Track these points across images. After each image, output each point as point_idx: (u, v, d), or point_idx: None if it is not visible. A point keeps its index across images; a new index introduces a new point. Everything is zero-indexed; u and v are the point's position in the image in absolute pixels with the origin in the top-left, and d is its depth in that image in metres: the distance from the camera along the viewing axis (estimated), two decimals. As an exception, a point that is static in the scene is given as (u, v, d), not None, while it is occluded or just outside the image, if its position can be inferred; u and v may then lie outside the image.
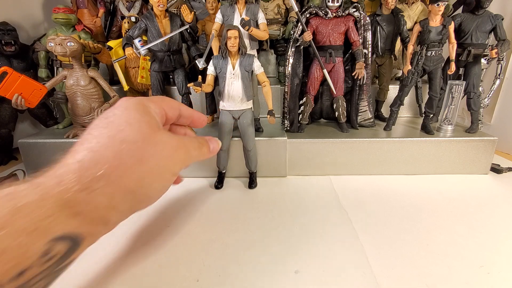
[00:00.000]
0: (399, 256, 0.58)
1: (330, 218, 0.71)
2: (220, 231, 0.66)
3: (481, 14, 0.95)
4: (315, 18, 0.95)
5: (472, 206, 0.76)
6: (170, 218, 0.71)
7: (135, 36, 0.88)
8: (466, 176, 0.93)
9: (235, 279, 0.52)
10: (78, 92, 0.93)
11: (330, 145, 0.92)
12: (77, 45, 0.88)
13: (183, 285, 0.51)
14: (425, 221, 0.70)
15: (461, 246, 0.61)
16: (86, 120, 0.96)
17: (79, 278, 0.52)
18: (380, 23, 1.03)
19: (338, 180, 0.91)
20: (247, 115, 0.83)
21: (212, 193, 0.84)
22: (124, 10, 1.22)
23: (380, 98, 1.14)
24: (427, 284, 0.51)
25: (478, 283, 0.51)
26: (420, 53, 0.93)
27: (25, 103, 0.84)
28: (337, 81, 0.98)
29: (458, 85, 0.94)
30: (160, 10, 0.86)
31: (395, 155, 0.93)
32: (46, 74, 1.09)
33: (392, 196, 0.81)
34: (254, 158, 0.87)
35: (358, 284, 0.51)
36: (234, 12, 0.88)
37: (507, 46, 0.96)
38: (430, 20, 0.91)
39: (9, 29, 1.03)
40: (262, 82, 0.81)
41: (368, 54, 0.98)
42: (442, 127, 0.97)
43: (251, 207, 0.76)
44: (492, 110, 1.16)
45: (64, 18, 1.00)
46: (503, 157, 1.07)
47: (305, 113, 1.00)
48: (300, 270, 0.54)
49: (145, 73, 1.04)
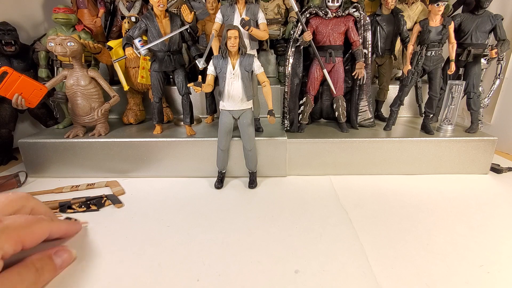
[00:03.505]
0: (399, 256, 0.58)
1: (330, 218, 0.71)
2: (220, 231, 0.66)
3: (481, 14, 0.95)
4: (315, 18, 0.95)
5: (472, 206, 0.76)
6: (170, 218, 0.71)
7: (135, 36, 0.88)
8: (466, 176, 0.93)
9: (235, 279, 0.52)
10: (78, 92, 0.93)
11: (330, 145, 0.92)
12: (77, 45, 0.88)
13: (183, 285, 0.51)
14: (425, 221, 0.70)
15: (461, 246, 0.61)
16: (86, 120, 0.96)
17: (79, 278, 0.52)
18: (380, 23, 1.03)
19: (338, 180, 0.91)
20: (247, 115, 0.83)
21: (212, 193, 0.84)
22: (124, 10, 1.22)
23: (380, 98, 1.14)
24: (427, 283, 0.51)
25: (478, 282, 0.51)
26: (420, 53, 0.94)
27: (25, 103, 0.84)
28: (337, 81, 0.98)
29: (458, 85, 0.94)
30: (160, 10, 0.86)
31: (395, 155, 0.93)
32: (46, 74, 1.09)
33: (392, 196, 0.81)
34: (254, 158, 0.87)
35: (358, 284, 0.51)
36: (234, 12, 0.88)
37: (507, 46, 0.96)
38: (430, 20, 0.92)
39: (9, 29, 1.03)
40: (262, 82, 0.81)
41: (368, 54, 0.98)
42: (442, 127, 0.97)
43: (251, 207, 0.76)
44: (492, 110, 1.16)
45: (64, 18, 1.00)
46: (503, 157, 1.07)
47: (305, 113, 1.00)
48: (300, 270, 0.54)
49: (145, 73, 1.04)
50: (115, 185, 0.88)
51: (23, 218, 0.47)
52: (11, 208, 0.50)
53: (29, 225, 0.47)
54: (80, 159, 0.93)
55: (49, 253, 0.51)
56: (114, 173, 0.94)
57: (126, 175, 0.94)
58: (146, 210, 0.75)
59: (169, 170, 0.94)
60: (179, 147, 0.92)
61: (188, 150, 0.92)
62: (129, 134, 0.98)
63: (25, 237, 0.45)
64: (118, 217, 0.71)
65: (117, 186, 0.87)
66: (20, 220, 0.46)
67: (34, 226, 0.48)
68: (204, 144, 0.92)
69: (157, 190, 0.86)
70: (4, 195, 0.51)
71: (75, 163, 0.93)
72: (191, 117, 0.98)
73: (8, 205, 0.49)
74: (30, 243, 0.47)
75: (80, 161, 0.93)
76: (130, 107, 1.11)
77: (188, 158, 0.93)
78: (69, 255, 0.54)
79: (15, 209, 0.50)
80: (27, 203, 0.53)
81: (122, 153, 0.93)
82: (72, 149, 0.92)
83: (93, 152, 0.93)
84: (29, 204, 0.53)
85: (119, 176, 0.94)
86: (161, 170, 0.94)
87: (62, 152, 0.93)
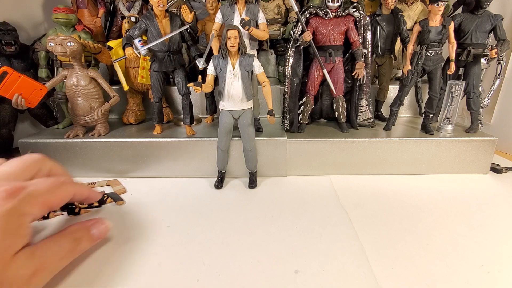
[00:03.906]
0: (399, 256, 0.58)
1: (330, 218, 0.71)
2: (220, 231, 0.66)
3: (481, 14, 0.95)
4: (315, 18, 0.95)
5: (472, 206, 0.76)
6: (170, 218, 0.71)
7: (135, 36, 0.88)
8: (466, 176, 0.93)
9: (235, 279, 0.52)
10: (78, 92, 0.93)
11: (330, 145, 0.92)
12: (77, 45, 0.88)
13: (183, 285, 0.51)
14: (425, 221, 0.70)
15: (461, 246, 0.61)
16: (86, 120, 0.96)
17: (79, 278, 0.52)
18: (380, 23, 1.03)
19: (338, 180, 0.91)
20: (247, 115, 0.83)
21: (212, 193, 0.84)
22: (124, 10, 1.22)
23: (380, 98, 1.14)
24: (427, 283, 0.51)
25: (478, 282, 0.51)
26: (420, 53, 0.94)
27: (25, 103, 0.84)
28: (337, 81, 0.98)
29: (458, 85, 0.94)
30: (160, 10, 0.86)
31: (395, 155, 0.93)
32: (46, 74, 1.09)
33: (392, 196, 0.81)
34: (254, 158, 0.87)
35: (358, 284, 0.51)
36: (234, 12, 0.88)
37: (507, 46, 0.96)
38: (430, 20, 0.92)
39: (9, 29, 1.03)
40: (262, 82, 0.81)
41: (368, 54, 0.98)
42: (442, 127, 0.97)
43: (251, 207, 0.76)
44: (492, 110, 1.16)
45: (64, 18, 1.00)
46: (503, 157, 1.07)
47: (305, 113, 1.00)
48: (300, 270, 0.54)
49: (145, 73, 1.04)
50: (117, 184, 0.88)
51: (48, 182, 0.49)
52: (29, 172, 0.51)
53: (53, 189, 0.49)
54: (80, 159, 0.93)
55: (87, 224, 0.55)
56: (114, 173, 0.94)
57: (126, 175, 0.94)
58: (146, 210, 0.75)
59: (169, 170, 0.94)
60: (179, 147, 0.92)
61: (188, 150, 0.92)
62: (129, 134, 0.98)
63: (50, 201, 0.48)
64: (118, 217, 0.71)
65: (118, 185, 0.87)
66: (44, 184, 0.48)
67: (59, 189, 0.50)
68: (204, 144, 0.92)
69: (157, 190, 0.86)
70: (19, 160, 0.51)
71: (75, 163, 0.93)
72: (191, 117, 0.98)
73: (26, 170, 0.50)
74: (56, 206, 0.50)
75: (80, 161, 0.93)
76: (130, 107, 1.11)
77: (188, 158, 0.93)
78: (105, 227, 0.57)
79: (33, 173, 0.51)
80: (43, 165, 0.54)
81: (122, 153, 0.93)
82: (72, 149, 0.93)
83: (93, 152, 0.93)
84: (46, 166, 0.54)
85: (119, 176, 0.94)
86: (161, 170, 0.94)
87: (62, 152, 0.93)
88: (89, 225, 0.55)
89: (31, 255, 0.41)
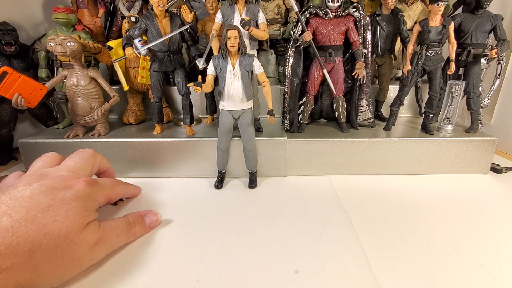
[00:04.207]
0: (399, 256, 0.58)
1: (330, 218, 0.71)
2: (220, 231, 0.66)
3: (481, 14, 0.95)
4: (315, 18, 0.95)
5: (472, 206, 0.76)
6: (170, 218, 0.71)
7: (135, 36, 0.88)
8: (466, 176, 0.93)
9: (235, 279, 0.52)
10: (78, 92, 0.93)
11: (330, 145, 0.92)
12: (77, 45, 0.88)
13: (183, 285, 0.51)
14: (425, 221, 0.70)
15: (461, 246, 0.61)
16: (86, 120, 0.96)
17: (79, 278, 0.52)
18: (380, 23, 1.03)
19: (338, 180, 0.91)
20: (247, 115, 0.83)
21: (212, 193, 0.84)
22: (124, 10, 1.22)
23: (380, 98, 1.14)
24: (427, 283, 0.51)
25: (478, 282, 0.51)
26: (420, 53, 0.94)
27: (25, 103, 0.84)
28: (337, 81, 0.98)
29: (458, 85, 0.94)
30: (160, 10, 0.86)
31: (395, 155, 0.93)
32: (46, 74, 1.09)
33: (392, 196, 0.81)
34: (254, 158, 0.87)
35: (358, 284, 0.51)
36: (234, 12, 0.88)
37: (507, 46, 0.96)
38: (430, 20, 0.92)
39: (9, 29, 1.03)
40: (262, 82, 0.81)
41: (368, 54, 0.98)
42: (442, 127, 0.97)
43: (251, 207, 0.76)
44: (492, 110, 1.16)
45: (64, 18, 1.00)
46: (503, 157, 1.07)
47: (305, 113, 1.00)
48: (300, 270, 0.54)
49: (145, 73, 1.04)
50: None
51: (110, 181, 0.67)
52: (89, 166, 0.66)
53: (114, 187, 0.67)
54: (80, 159, 0.93)
55: (142, 213, 0.66)
56: (114, 173, 0.94)
57: (126, 175, 0.94)
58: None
59: (169, 170, 0.94)
60: (179, 147, 0.92)
61: (188, 150, 0.92)
62: (129, 134, 0.98)
63: (111, 195, 0.66)
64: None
65: (117, 186, 0.87)
66: (108, 182, 0.66)
67: (117, 187, 0.69)
68: (204, 144, 0.92)
69: (157, 190, 0.86)
70: (78, 155, 0.66)
71: (75, 163, 0.93)
72: (191, 117, 0.97)
73: (87, 164, 0.65)
74: (113, 199, 0.69)
75: (80, 161, 0.93)
76: (130, 107, 1.11)
77: (188, 158, 0.93)
78: (157, 219, 0.67)
79: (91, 166, 0.67)
80: (96, 159, 0.69)
81: (122, 153, 0.93)
82: (72, 149, 0.91)
83: (93, 152, 0.92)
84: (97, 159, 0.70)
85: (118, 176, 0.93)
86: (161, 170, 0.94)
87: (62, 152, 0.91)
88: (143, 214, 0.66)
89: (97, 227, 0.53)
